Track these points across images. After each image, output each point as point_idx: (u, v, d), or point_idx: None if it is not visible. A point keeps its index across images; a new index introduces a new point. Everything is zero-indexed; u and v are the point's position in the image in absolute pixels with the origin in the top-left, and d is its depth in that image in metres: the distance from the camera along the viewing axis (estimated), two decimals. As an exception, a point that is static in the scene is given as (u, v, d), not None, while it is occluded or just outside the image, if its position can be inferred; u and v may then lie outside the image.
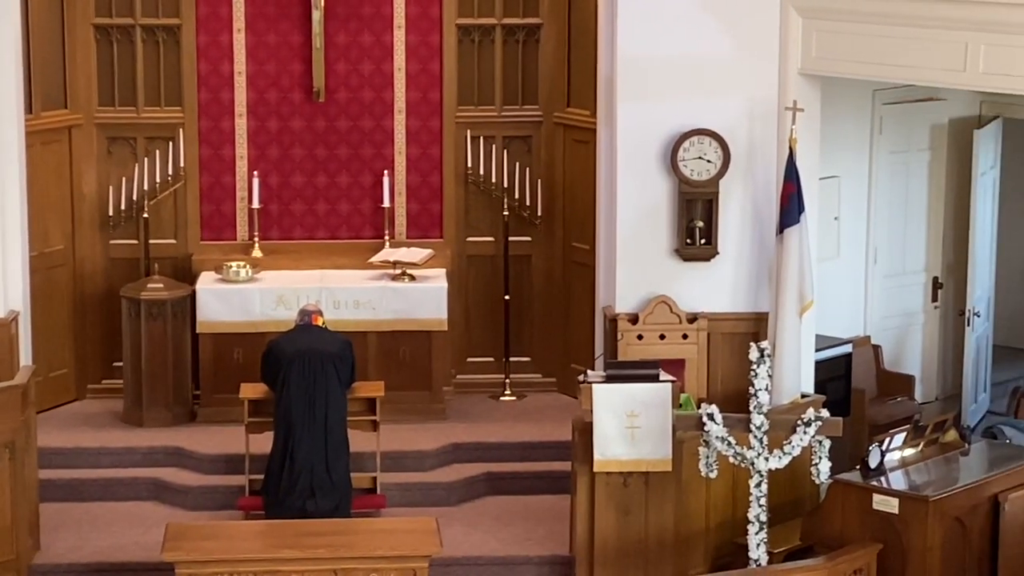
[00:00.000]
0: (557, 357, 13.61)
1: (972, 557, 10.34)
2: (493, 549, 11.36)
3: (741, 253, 11.84)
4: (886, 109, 14.24)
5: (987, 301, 14.91)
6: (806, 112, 11.46)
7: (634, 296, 11.83)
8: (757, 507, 10.29)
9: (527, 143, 13.52)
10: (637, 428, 10.59)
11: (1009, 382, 14.69)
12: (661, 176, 11.76)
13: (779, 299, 11.41)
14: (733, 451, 10.28)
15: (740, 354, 11.09)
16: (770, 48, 11.64)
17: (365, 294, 12.77)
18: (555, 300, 13.59)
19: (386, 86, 13.33)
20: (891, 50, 11.05)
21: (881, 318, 14.48)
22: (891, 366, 14.26)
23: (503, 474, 12.27)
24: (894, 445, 10.71)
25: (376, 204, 13.38)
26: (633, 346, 11.70)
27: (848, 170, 13.97)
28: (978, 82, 10.99)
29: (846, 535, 10.29)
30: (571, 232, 13.43)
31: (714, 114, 11.64)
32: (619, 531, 10.75)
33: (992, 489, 10.46)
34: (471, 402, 13.31)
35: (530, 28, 13.42)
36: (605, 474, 10.69)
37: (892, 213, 14.49)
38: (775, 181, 11.60)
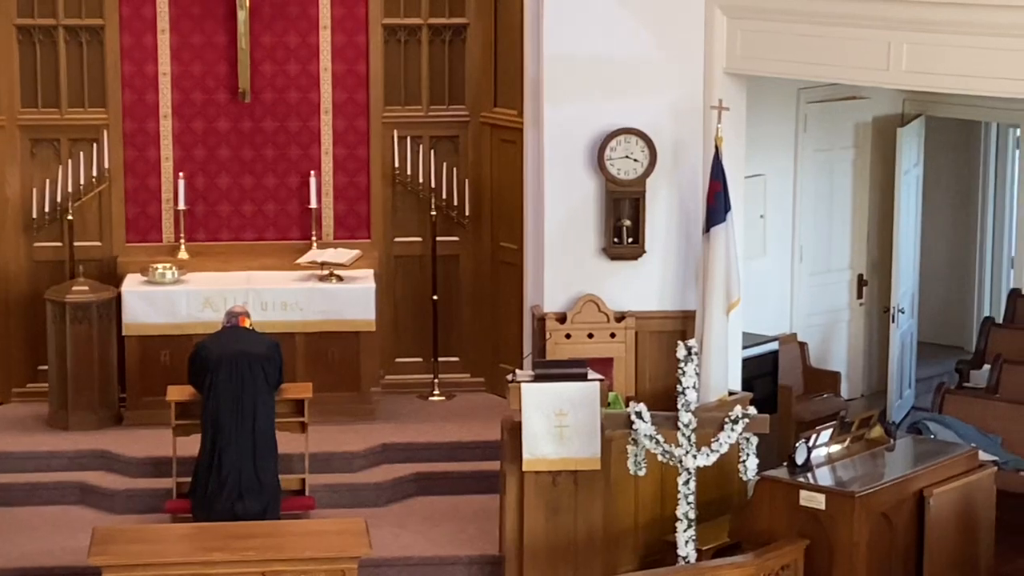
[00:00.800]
0: (486, 357, 13.61)
1: (898, 552, 10.42)
2: (423, 549, 11.35)
3: (668, 252, 11.88)
4: (811, 108, 14.33)
5: (911, 298, 15.03)
6: (732, 111, 11.52)
7: (562, 295, 11.85)
8: (685, 504, 10.33)
9: (454, 143, 13.51)
10: (566, 427, 10.61)
11: (933, 378, 14.80)
12: (588, 175, 11.78)
13: (706, 297, 11.46)
14: (661, 449, 10.32)
15: (668, 352, 11.14)
16: (695, 47, 11.69)
17: (292, 295, 12.73)
18: (483, 300, 13.60)
19: (312, 87, 13.29)
20: (815, 49, 11.12)
21: (807, 315, 14.57)
22: (817, 363, 14.35)
23: (432, 474, 12.26)
24: (820, 442, 10.77)
25: (303, 205, 13.33)
26: (561, 345, 11.72)
27: (773, 168, 14.05)
28: (901, 80, 11.08)
29: (774, 531, 10.34)
30: (499, 232, 13.43)
31: (641, 113, 11.68)
32: (548, 530, 10.76)
33: (917, 484, 10.54)
34: (400, 402, 13.29)
35: (456, 28, 13.41)
36: (534, 473, 10.70)
37: (817, 211, 14.59)
38: (701, 180, 11.65)
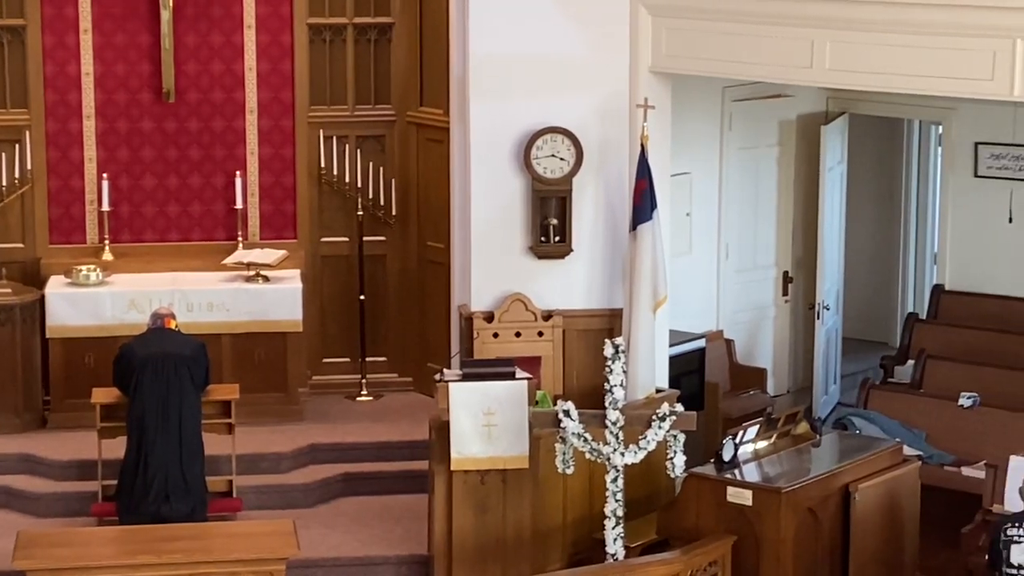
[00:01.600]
0: (413, 356, 13.59)
1: (824, 547, 10.49)
2: (351, 550, 11.33)
3: (595, 250, 11.91)
4: (735, 106, 14.41)
5: (836, 294, 15.14)
6: (657, 109, 11.55)
7: (489, 294, 11.85)
8: (613, 502, 10.36)
9: (380, 142, 13.49)
10: (494, 426, 10.61)
11: (858, 374, 14.93)
12: (515, 174, 11.79)
13: (633, 295, 11.49)
14: (589, 447, 10.34)
15: (595, 350, 11.15)
16: (621, 46, 11.72)
17: (219, 296, 12.66)
18: (410, 299, 13.58)
19: (237, 86, 13.23)
20: (739, 47, 11.17)
21: (733, 312, 14.65)
22: (743, 360, 14.43)
23: (360, 474, 12.24)
24: (747, 438, 10.83)
25: (229, 205, 13.27)
26: (489, 344, 11.72)
27: (699, 167, 14.12)
28: (824, 78, 11.15)
29: (701, 528, 10.39)
30: (426, 231, 13.42)
31: (567, 112, 11.69)
32: (477, 529, 10.76)
33: (843, 479, 10.62)
34: (327, 403, 13.25)
35: (382, 27, 13.39)
36: (462, 472, 10.70)
37: (743, 209, 14.67)
38: (627, 178, 11.68)
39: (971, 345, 13.80)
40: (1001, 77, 9.98)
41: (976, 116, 14.33)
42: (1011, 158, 14.27)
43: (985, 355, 13.55)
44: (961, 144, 14.63)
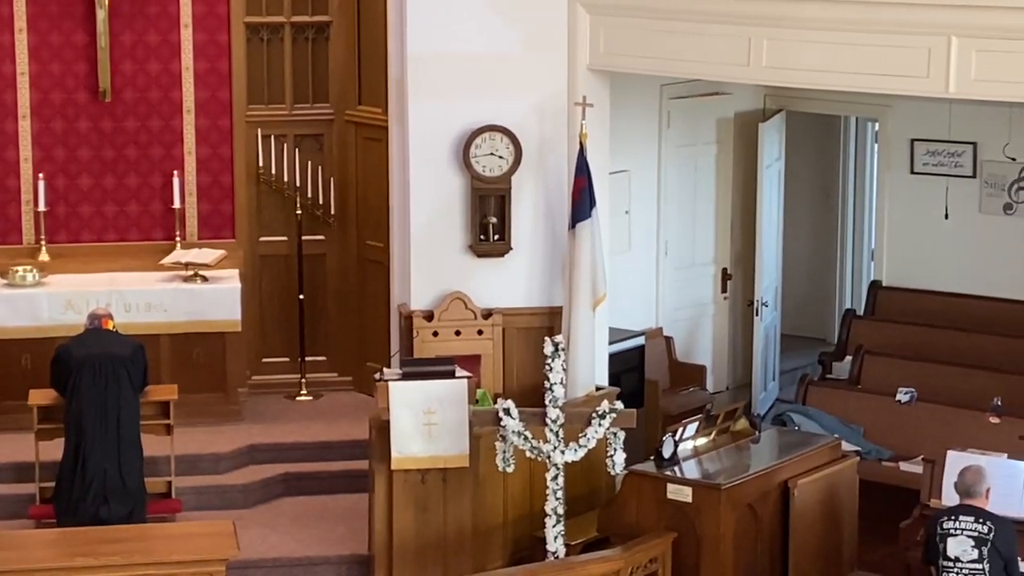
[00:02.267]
0: (353, 356, 13.56)
1: (764, 542, 10.53)
2: (291, 550, 11.29)
3: (534, 248, 11.91)
4: (673, 104, 14.46)
5: (774, 291, 15.22)
6: (595, 107, 11.57)
7: (429, 293, 11.83)
8: (554, 500, 10.37)
9: (319, 141, 13.45)
10: (434, 425, 10.59)
11: (797, 370, 15.01)
12: (454, 173, 11.78)
13: (572, 293, 11.50)
14: (529, 445, 10.34)
15: (535, 348, 11.17)
16: (559, 44, 11.73)
17: (156, 296, 12.59)
18: (350, 298, 13.55)
19: (174, 85, 13.16)
20: (677, 45, 11.20)
21: (672, 310, 14.70)
22: (683, 357, 14.48)
23: (300, 474, 12.20)
24: (687, 435, 10.86)
25: (166, 205, 13.19)
26: (429, 343, 11.71)
27: (638, 164, 14.15)
28: (761, 76, 11.20)
29: (642, 525, 10.41)
30: (365, 230, 13.39)
31: (505, 110, 11.69)
32: (417, 528, 10.75)
33: (782, 475, 10.67)
34: (267, 403, 13.21)
35: (319, 26, 13.36)
36: (403, 472, 10.68)
37: (681, 206, 14.72)
38: (566, 176, 11.70)
39: (908, 341, 13.89)
40: (936, 74, 10.05)
41: (912, 113, 14.43)
42: (946, 155, 14.38)
43: (922, 350, 13.64)
44: (897, 141, 14.73)
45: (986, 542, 9.24)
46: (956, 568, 9.30)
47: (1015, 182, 14.14)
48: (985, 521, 9.28)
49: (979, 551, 9.25)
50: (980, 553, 9.24)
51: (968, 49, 9.89)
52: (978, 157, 14.28)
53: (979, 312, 14.13)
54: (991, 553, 9.24)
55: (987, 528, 9.26)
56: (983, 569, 9.25)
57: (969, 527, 9.28)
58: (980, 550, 9.24)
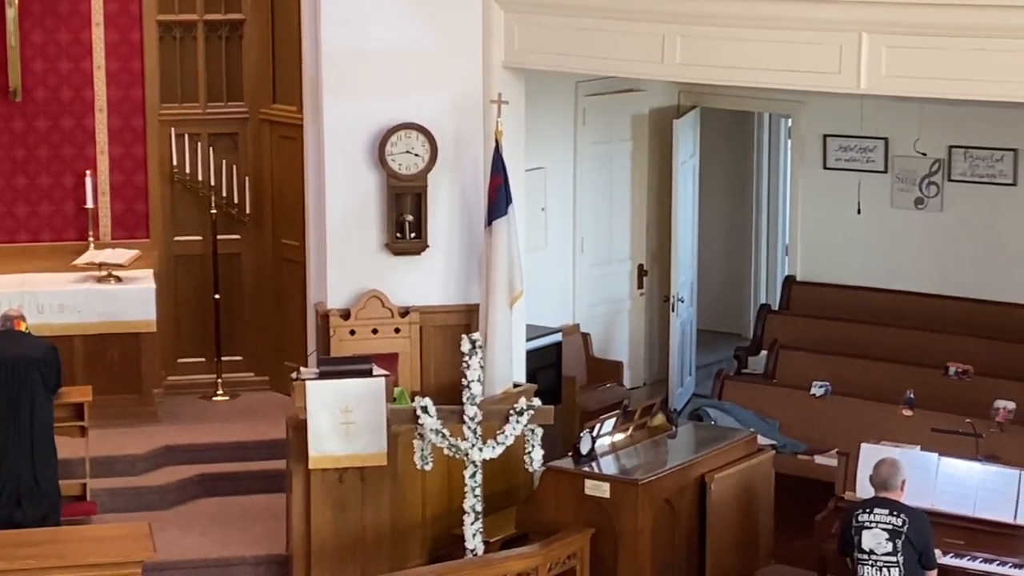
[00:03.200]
0: (270, 355, 13.51)
1: (681, 537, 10.58)
2: (208, 551, 11.23)
3: (451, 246, 11.91)
4: (588, 101, 14.49)
5: (690, 287, 15.29)
6: (511, 105, 11.58)
7: (346, 292, 11.80)
8: (472, 497, 10.38)
9: (233, 140, 13.39)
10: (352, 424, 10.57)
11: (713, 365, 15.08)
12: (369, 171, 11.75)
13: (489, 290, 11.51)
14: (447, 443, 10.34)
15: (452, 346, 11.16)
16: (474, 42, 11.73)
17: (70, 297, 12.49)
18: (266, 298, 13.50)
19: (86, 85, 13.05)
20: (591, 42, 11.23)
21: (589, 306, 14.73)
22: (600, 353, 14.52)
23: (217, 475, 12.15)
24: (604, 431, 10.89)
25: (79, 205, 13.08)
26: (346, 342, 11.68)
27: (553, 161, 14.18)
28: (676, 73, 11.26)
29: (560, 521, 10.43)
30: (280, 229, 13.35)
31: (421, 108, 11.68)
32: (336, 527, 10.72)
33: (699, 470, 10.72)
34: (183, 403, 13.13)
35: (233, 24, 13.29)
36: (320, 471, 10.65)
37: (597, 203, 14.75)
38: (482, 174, 11.70)
39: (822, 335, 13.99)
40: (848, 70, 10.13)
41: (824, 109, 14.54)
42: (858, 150, 14.51)
43: (836, 344, 13.75)
44: (810, 137, 14.85)
45: (900, 535, 9.33)
46: (871, 560, 9.39)
47: (926, 177, 14.29)
48: (899, 514, 9.37)
49: (893, 544, 9.33)
50: (894, 546, 9.33)
51: (879, 45, 9.99)
52: (889, 152, 14.41)
53: (892, 306, 14.27)
54: (904, 546, 9.33)
55: (901, 521, 9.35)
56: (897, 562, 9.34)
57: (883, 520, 9.37)
58: (894, 543, 9.33)
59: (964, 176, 14.11)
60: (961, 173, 14.12)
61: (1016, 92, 9.76)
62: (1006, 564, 9.91)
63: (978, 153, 14.04)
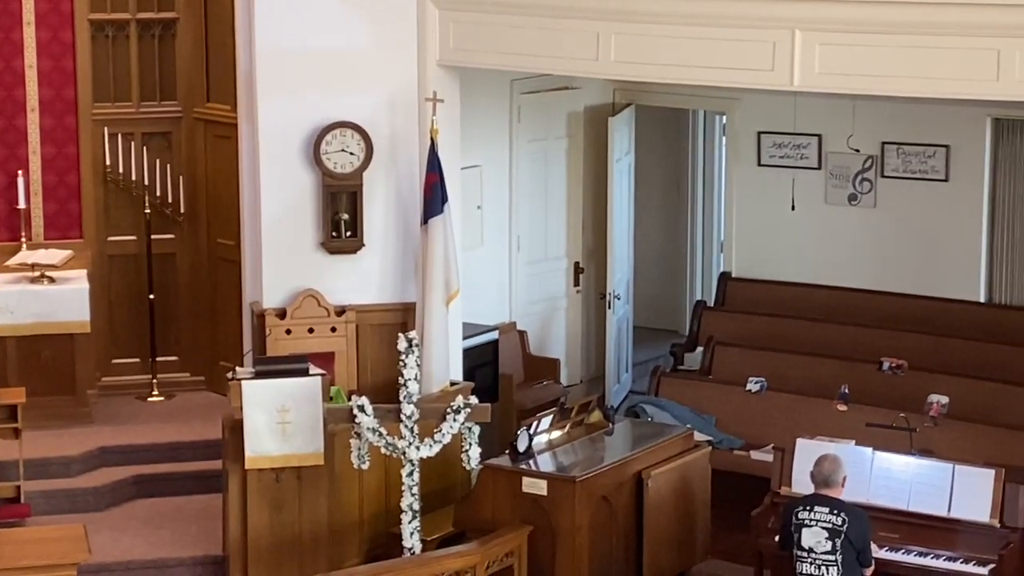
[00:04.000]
0: (205, 355, 13.45)
1: (618, 533, 10.61)
2: (144, 552, 11.17)
3: (387, 244, 11.90)
4: (524, 98, 14.51)
5: (626, 284, 15.33)
6: (446, 103, 11.58)
7: (281, 291, 11.77)
8: (410, 496, 10.37)
9: (167, 139, 13.32)
10: (288, 423, 10.54)
11: (650, 361, 15.14)
12: (304, 170, 11.72)
13: (426, 289, 11.50)
14: (384, 442, 10.33)
15: (389, 345, 11.15)
16: (409, 40, 11.72)
17: (2, 298, 12.37)
18: (201, 297, 13.43)
19: (17, 84, 12.94)
20: (526, 40, 11.24)
21: (526, 304, 14.75)
22: (537, 351, 14.54)
23: (153, 476, 12.08)
24: (541, 428, 10.91)
25: (11, 206, 12.97)
26: (282, 341, 11.64)
27: (489, 159, 14.19)
28: (610, 70, 11.27)
29: (498, 519, 10.44)
30: (215, 228, 13.29)
31: (356, 107, 11.66)
32: (272, 527, 10.68)
33: (636, 467, 10.76)
34: (118, 404, 13.05)
35: (166, 23, 13.22)
36: (257, 471, 10.61)
37: (533, 201, 14.77)
38: (418, 172, 11.69)
39: (757, 331, 14.07)
40: (781, 67, 10.18)
41: (758, 106, 14.62)
42: (792, 147, 14.59)
43: (771, 340, 13.83)
44: (744, 134, 14.92)
45: (840, 534, 9.36)
46: (810, 559, 9.41)
47: (859, 173, 14.39)
48: (840, 512, 9.39)
49: (832, 543, 9.36)
50: (833, 545, 9.36)
51: (812, 43, 10.04)
52: (823, 149, 14.50)
53: (826, 301, 14.36)
54: (844, 545, 9.36)
55: (841, 520, 9.37)
56: (836, 560, 9.37)
57: (824, 519, 9.40)
58: (833, 542, 9.36)
59: (897, 172, 14.22)
60: (894, 169, 14.23)
61: (948, 89, 9.84)
62: (940, 557, 10.00)
63: (911, 149, 14.15)
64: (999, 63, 9.43)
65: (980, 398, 12.49)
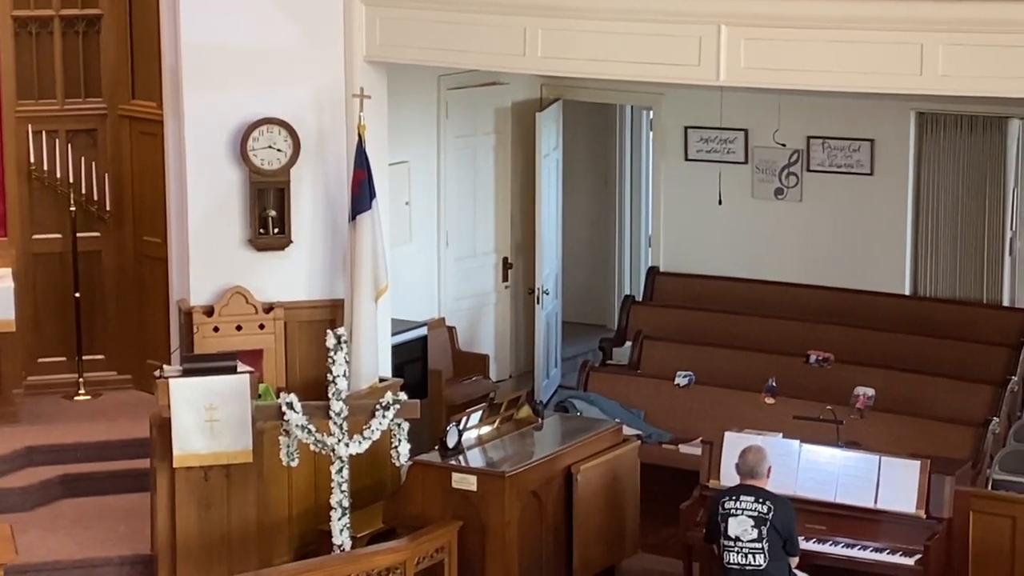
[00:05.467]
0: (132, 353, 13.37)
1: (548, 528, 10.64)
2: (72, 552, 11.09)
3: (315, 241, 11.86)
4: (452, 94, 14.51)
5: (555, 279, 15.37)
6: (374, 99, 11.56)
7: (209, 288, 11.71)
8: (339, 493, 10.35)
9: (92, 137, 13.22)
10: (216, 421, 10.49)
11: (579, 356, 15.17)
12: (231, 167, 11.66)
13: (354, 285, 11.48)
14: (313, 439, 10.31)
15: (318, 341, 11.12)
16: (335, 36, 11.68)
17: (-75, 298, 12.29)
18: (128, 295, 13.35)
19: (-61, 81, 12.84)
20: (453, 36, 11.24)
21: (454, 300, 14.76)
22: (466, 346, 14.55)
23: (80, 475, 12.00)
24: (471, 424, 10.92)
25: (-67, 204, 12.88)
26: (210, 338, 11.58)
27: (417, 155, 14.18)
28: (537, 66, 11.29)
29: (427, 515, 10.44)
30: (142, 226, 13.20)
31: (283, 103, 11.61)
32: (201, 526, 10.64)
33: (565, 461, 10.78)
34: (44, 403, 12.95)
35: (90, 19, 13.12)
36: (185, 469, 10.56)
37: (461, 196, 14.78)
38: (346, 168, 11.67)
39: (685, 325, 14.14)
40: (707, 62, 10.23)
41: (685, 101, 14.69)
42: (719, 141, 14.67)
43: (699, 335, 13.90)
44: (671, 129, 14.99)
45: (765, 521, 9.46)
46: (737, 547, 9.50)
47: (785, 167, 14.48)
48: (765, 501, 9.50)
49: (758, 530, 9.46)
50: (759, 532, 9.46)
51: (737, 38, 10.10)
52: (749, 143, 14.59)
53: (753, 295, 14.46)
54: (770, 532, 9.46)
55: (767, 508, 9.47)
56: (762, 548, 9.47)
57: (749, 507, 9.50)
58: (759, 529, 9.46)
59: (822, 166, 14.33)
60: (819, 163, 14.34)
61: (872, 83, 9.93)
62: (867, 548, 10.08)
63: (836, 144, 14.27)
64: (922, 57, 9.52)
65: (906, 390, 12.61)
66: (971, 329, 13.51)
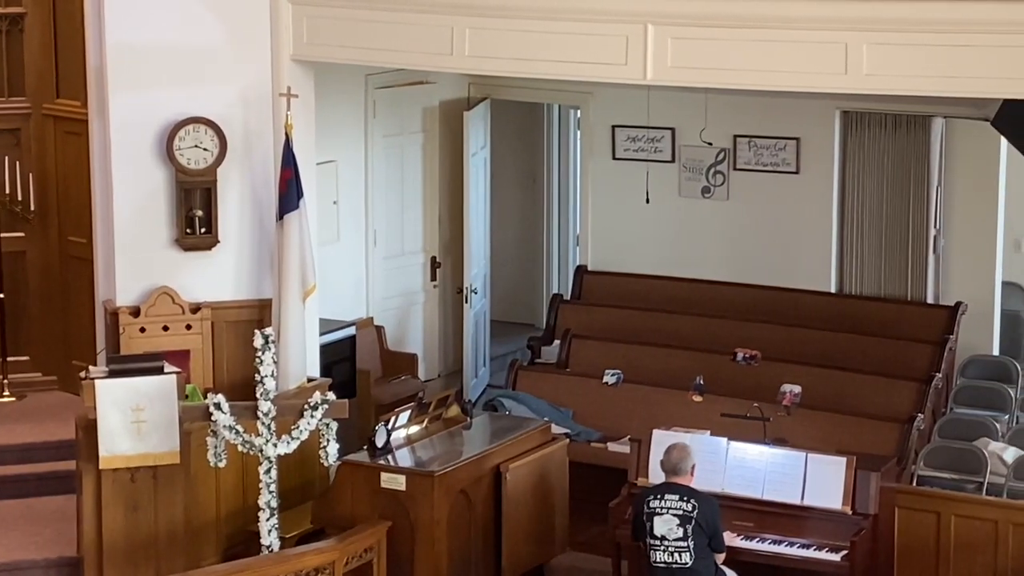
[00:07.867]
0: (58, 354, 13.26)
1: (477, 526, 10.64)
2: (-3, 556, 11.03)
3: (242, 241, 11.81)
4: (379, 93, 14.49)
5: (483, 278, 15.38)
6: (301, 98, 11.52)
7: (135, 288, 11.63)
8: (267, 493, 10.31)
9: (16, 136, 13.11)
10: (143, 422, 10.42)
11: (507, 355, 15.20)
12: (157, 166, 11.59)
13: (282, 285, 11.44)
14: (241, 439, 10.27)
15: (245, 342, 11.08)
16: (262, 34, 11.64)
17: None
18: (53, 296, 13.24)
19: None
20: (380, 35, 11.23)
21: (383, 299, 14.75)
22: (394, 346, 14.54)
23: (4, 478, 11.88)
24: (400, 423, 10.91)
25: None
26: (136, 339, 11.51)
27: (345, 154, 14.16)
28: (465, 65, 11.30)
29: (356, 515, 10.42)
30: (67, 226, 13.10)
31: (209, 102, 11.55)
32: (128, 527, 10.57)
33: (494, 460, 10.79)
34: (-32, 406, 12.86)
35: (13, 17, 13.00)
36: (112, 471, 10.48)
37: (389, 195, 14.77)
38: (273, 167, 11.62)
39: (614, 324, 14.18)
40: (634, 61, 10.27)
41: (612, 100, 14.74)
42: (646, 140, 14.73)
43: (627, 333, 13.95)
44: (599, 127, 15.03)
45: (690, 520, 9.50)
46: (663, 546, 9.54)
47: (712, 166, 14.56)
48: (689, 499, 9.55)
49: (684, 529, 9.50)
50: (685, 531, 9.50)
51: (664, 37, 10.14)
52: (676, 142, 14.66)
53: (681, 294, 14.51)
54: (695, 530, 9.51)
55: (691, 506, 9.52)
56: (688, 546, 9.51)
57: (674, 506, 9.54)
58: (685, 528, 9.50)
59: (749, 165, 14.42)
60: (746, 162, 14.42)
61: (797, 82, 10.00)
62: (794, 544, 10.15)
63: (762, 142, 14.35)
64: (847, 56, 9.60)
65: (832, 387, 12.70)
66: (896, 326, 13.63)
